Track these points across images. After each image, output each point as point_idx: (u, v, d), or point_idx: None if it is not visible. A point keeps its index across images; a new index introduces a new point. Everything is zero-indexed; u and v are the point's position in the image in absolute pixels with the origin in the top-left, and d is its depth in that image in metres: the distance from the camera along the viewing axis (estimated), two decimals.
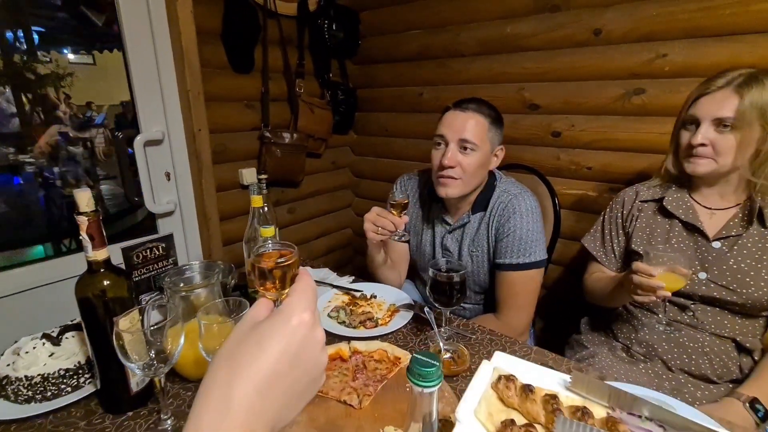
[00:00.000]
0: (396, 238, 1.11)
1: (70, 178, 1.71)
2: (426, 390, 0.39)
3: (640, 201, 1.14)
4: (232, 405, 0.30)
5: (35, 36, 1.48)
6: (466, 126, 1.09)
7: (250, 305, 0.66)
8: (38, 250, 1.50)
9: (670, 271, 0.87)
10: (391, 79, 2.10)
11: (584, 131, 1.57)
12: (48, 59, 1.52)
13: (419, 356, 0.39)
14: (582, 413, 0.57)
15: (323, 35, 1.93)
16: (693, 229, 1.03)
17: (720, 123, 0.94)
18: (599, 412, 0.60)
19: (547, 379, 0.68)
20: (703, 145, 0.96)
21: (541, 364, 0.83)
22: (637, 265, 0.90)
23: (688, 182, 1.08)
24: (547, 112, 1.64)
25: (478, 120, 1.10)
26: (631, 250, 1.12)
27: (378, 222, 1.08)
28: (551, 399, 0.60)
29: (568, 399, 0.63)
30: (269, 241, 0.44)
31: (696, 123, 0.98)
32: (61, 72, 1.57)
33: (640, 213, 1.13)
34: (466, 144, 1.09)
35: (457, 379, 0.80)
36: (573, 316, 1.37)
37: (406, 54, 2.00)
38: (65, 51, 1.57)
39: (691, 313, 1.01)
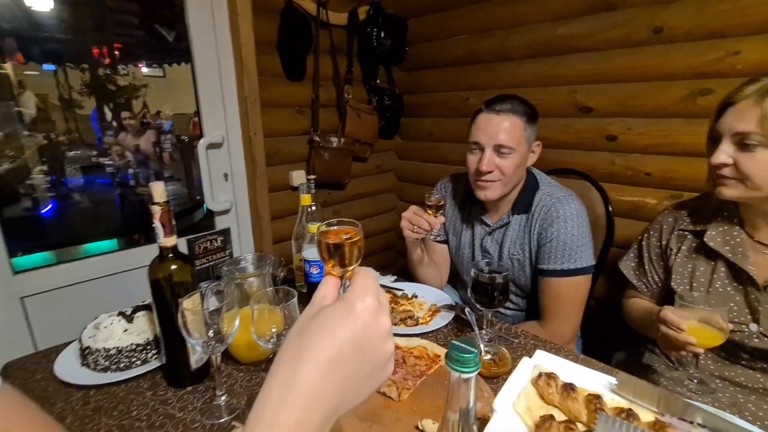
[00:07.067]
0: (431, 237, 1.12)
1: (141, 179, 1.89)
2: (463, 375, 0.39)
3: (680, 230, 0.97)
4: (297, 381, 0.31)
5: (116, 52, 1.67)
6: (501, 130, 1.05)
7: (298, 297, 0.71)
8: (115, 242, 1.67)
9: (704, 323, 0.75)
10: (437, 85, 2.11)
11: (642, 135, 1.48)
12: (126, 72, 1.71)
13: (458, 343, 0.40)
14: (627, 414, 0.55)
15: (371, 43, 2.00)
16: (739, 272, 0.86)
17: (741, 139, 0.78)
18: (647, 416, 0.57)
19: (590, 380, 0.65)
20: (724, 165, 0.81)
21: None
22: (665, 314, 0.78)
23: (737, 209, 0.90)
24: (600, 115, 1.58)
25: (513, 121, 1.06)
26: (671, 288, 0.97)
27: (414, 221, 1.10)
28: (594, 399, 0.57)
29: (613, 402, 0.60)
30: (334, 219, 0.47)
31: (717, 139, 0.83)
32: (137, 84, 1.77)
33: (681, 245, 0.97)
34: (503, 148, 1.06)
35: (498, 381, 0.79)
36: (625, 330, 1.29)
37: (453, 59, 2.00)
38: (140, 65, 1.76)
39: (741, 355, 0.88)
